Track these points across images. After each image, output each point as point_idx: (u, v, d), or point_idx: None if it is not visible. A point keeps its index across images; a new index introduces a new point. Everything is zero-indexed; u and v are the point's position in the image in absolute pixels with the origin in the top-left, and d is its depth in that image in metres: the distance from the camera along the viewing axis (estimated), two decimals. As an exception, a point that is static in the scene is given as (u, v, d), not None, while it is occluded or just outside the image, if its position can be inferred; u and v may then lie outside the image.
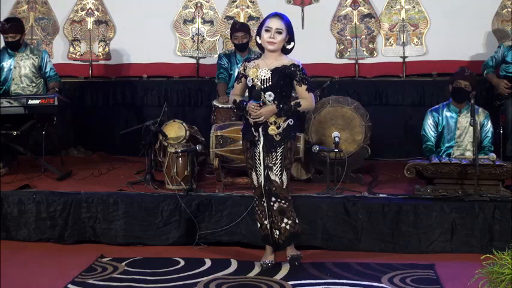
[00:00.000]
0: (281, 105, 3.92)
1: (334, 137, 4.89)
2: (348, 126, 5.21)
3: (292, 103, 3.97)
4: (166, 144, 5.13)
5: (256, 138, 3.97)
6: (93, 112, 6.88)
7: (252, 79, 3.97)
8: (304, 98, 3.98)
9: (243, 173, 5.09)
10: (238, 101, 4.04)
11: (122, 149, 6.51)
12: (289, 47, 4.02)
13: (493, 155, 4.61)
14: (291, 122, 3.98)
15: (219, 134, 5.05)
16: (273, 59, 3.98)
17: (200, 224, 4.63)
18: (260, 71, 3.95)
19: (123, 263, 4.24)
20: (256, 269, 4.10)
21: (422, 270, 4.08)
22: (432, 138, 5.20)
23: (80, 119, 6.80)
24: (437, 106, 5.28)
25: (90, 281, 3.91)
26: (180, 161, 4.98)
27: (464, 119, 5.10)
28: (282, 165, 3.96)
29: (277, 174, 3.96)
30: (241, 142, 4.95)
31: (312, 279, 3.91)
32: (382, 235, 4.52)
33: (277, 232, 4.05)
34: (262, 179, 3.98)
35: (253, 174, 4.05)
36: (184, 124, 5.22)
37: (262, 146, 3.96)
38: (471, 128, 4.76)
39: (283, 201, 4.00)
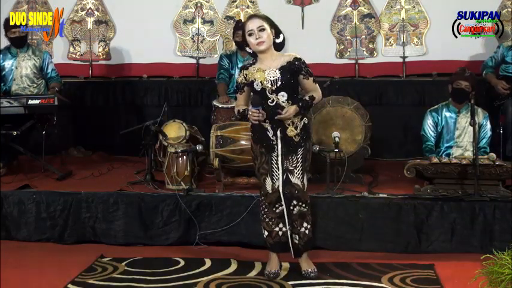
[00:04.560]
0: (300, 103, 3.77)
1: (334, 137, 4.89)
2: (348, 126, 5.21)
3: (306, 97, 3.81)
4: (166, 144, 5.13)
5: (274, 142, 3.83)
6: (93, 112, 6.87)
7: (261, 82, 3.77)
8: (313, 90, 3.84)
9: (243, 173, 5.09)
10: (241, 110, 3.87)
11: (122, 149, 6.51)
12: (278, 40, 3.82)
13: (493, 155, 4.60)
14: (306, 120, 3.87)
15: (219, 134, 5.05)
16: (271, 60, 3.81)
17: (200, 224, 4.63)
18: (267, 72, 3.77)
19: (123, 263, 4.24)
20: (257, 269, 4.10)
21: (422, 270, 4.07)
22: (432, 138, 5.21)
23: (80, 119, 6.79)
24: (436, 106, 5.28)
25: (90, 281, 3.91)
26: (180, 161, 4.98)
27: (464, 119, 5.11)
28: (303, 167, 3.85)
29: (298, 177, 3.84)
30: (242, 142, 4.99)
31: (311, 278, 3.90)
32: (382, 235, 4.52)
33: (297, 237, 3.92)
34: (279, 184, 3.84)
35: (268, 179, 3.85)
36: (184, 124, 5.22)
37: (281, 149, 3.83)
38: (470, 128, 4.75)
39: (303, 205, 3.89)
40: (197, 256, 4.38)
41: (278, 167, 3.84)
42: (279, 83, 3.77)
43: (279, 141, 3.82)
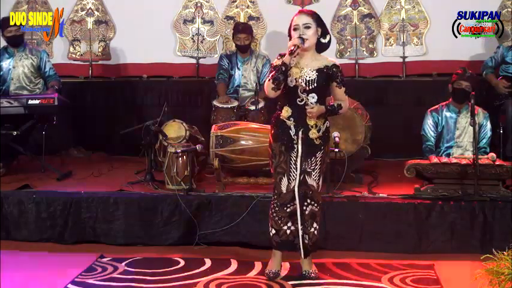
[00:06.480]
0: (329, 107, 3.79)
1: (334, 137, 4.88)
2: (348, 126, 5.20)
3: (335, 104, 3.84)
4: (166, 144, 5.13)
5: (295, 142, 3.79)
6: (93, 112, 6.87)
7: (296, 79, 3.75)
8: (343, 100, 3.86)
9: (243, 173, 5.10)
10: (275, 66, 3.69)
11: (121, 149, 6.51)
12: (324, 40, 3.83)
13: (493, 155, 4.61)
14: (328, 124, 3.87)
15: (219, 134, 5.04)
16: (310, 58, 3.80)
17: (200, 224, 4.63)
18: (304, 70, 3.76)
19: (123, 263, 4.24)
20: (257, 269, 4.10)
21: (422, 270, 4.08)
22: (432, 138, 5.21)
23: (80, 119, 6.79)
24: (436, 106, 5.28)
25: (90, 281, 3.91)
26: (180, 161, 4.98)
27: (464, 119, 5.11)
28: (321, 169, 3.84)
29: (315, 179, 3.83)
30: (242, 142, 5.00)
31: (312, 279, 3.90)
32: (382, 235, 4.52)
33: (307, 237, 3.89)
34: (296, 184, 3.80)
35: (284, 179, 3.80)
36: (184, 124, 5.22)
37: (301, 150, 3.80)
38: (470, 128, 4.76)
39: (315, 205, 3.87)
40: (197, 256, 4.38)
41: (296, 167, 3.80)
42: (314, 84, 3.76)
43: (299, 141, 3.79)
